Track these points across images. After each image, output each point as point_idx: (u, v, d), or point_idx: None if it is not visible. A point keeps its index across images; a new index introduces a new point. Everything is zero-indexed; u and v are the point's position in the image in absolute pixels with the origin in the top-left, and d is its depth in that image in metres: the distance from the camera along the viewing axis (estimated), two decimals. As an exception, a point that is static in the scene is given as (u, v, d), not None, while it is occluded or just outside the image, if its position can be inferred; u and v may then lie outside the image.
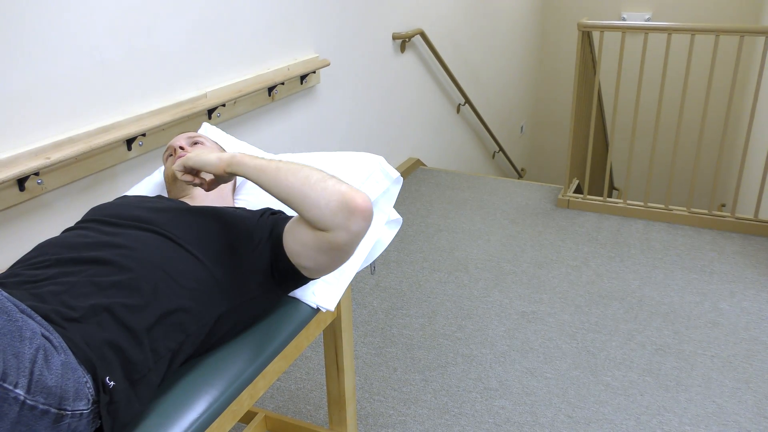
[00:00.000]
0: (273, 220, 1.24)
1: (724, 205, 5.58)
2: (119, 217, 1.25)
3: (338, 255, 1.14)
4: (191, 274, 1.13)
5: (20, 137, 1.62)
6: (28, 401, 0.81)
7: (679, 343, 2.27)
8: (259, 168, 1.16)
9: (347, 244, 1.11)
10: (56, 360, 0.87)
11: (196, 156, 1.24)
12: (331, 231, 1.09)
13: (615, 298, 2.55)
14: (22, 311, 0.89)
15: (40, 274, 1.07)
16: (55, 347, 0.88)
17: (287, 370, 2.17)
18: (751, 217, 3.11)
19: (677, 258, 2.87)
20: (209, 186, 1.29)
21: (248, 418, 1.66)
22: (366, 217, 1.09)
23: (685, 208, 3.23)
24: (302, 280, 1.22)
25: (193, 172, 1.28)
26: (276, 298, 1.26)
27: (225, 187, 1.49)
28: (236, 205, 1.49)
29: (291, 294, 1.33)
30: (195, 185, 1.28)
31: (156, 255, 1.12)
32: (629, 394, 2.02)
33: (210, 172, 1.23)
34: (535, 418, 1.93)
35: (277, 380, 2.12)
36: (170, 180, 1.46)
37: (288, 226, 1.20)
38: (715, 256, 2.88)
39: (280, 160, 1.17)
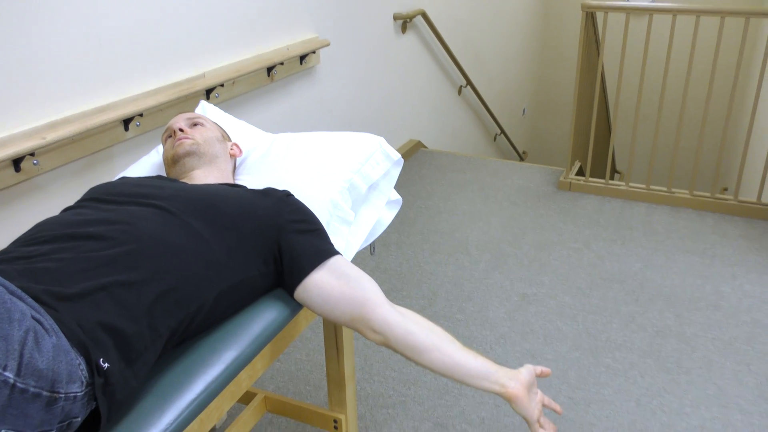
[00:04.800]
0: (303, 218, 1.24)
1: (726, 189, 5.55)
2: (118, 195, 1.23)
3: (339, 320, 1.21)
4: (192, 249, 1.11)
5: (15, 117, 1.60)
6: (18, 384, 0.79)
7: (680, 325, 2.26)
8: (473, 384, 1.20)
9: (348, 325, 1.22)
10: (47, 342, 0.85)
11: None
12: (378, 328, 1.18)
13: (616, 281, 2.54)
14: (12, 292, 0.87)
15: (35, 250, 1.05)
16: (46, 329, 0.87)
17: (287, 351, 2.17)
18: (754, 200, 3.09)
19: (679, 241, 2.85)
20: None
21: (248, 398, 1.66)
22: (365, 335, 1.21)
23: (687, 191, 3.21)
24: (289, 292, 1.23)
25: None
26: (274, 282, 1.24)
27: (226, 168, 1.46)
28: (237, 183, 1.47)
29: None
30: None
31: (155, 229, 1.10)
32: (629, 376, 2.02)
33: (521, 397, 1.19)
34: (535, 400, 1.93)
35: (277, 361, 2.12)
36: (170, 162, 1.44)
37: (336, 270, 1.20)
38: (717, 239, 2.87)
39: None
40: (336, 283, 1.18)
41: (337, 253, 1.23)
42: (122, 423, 0.97)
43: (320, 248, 1.21)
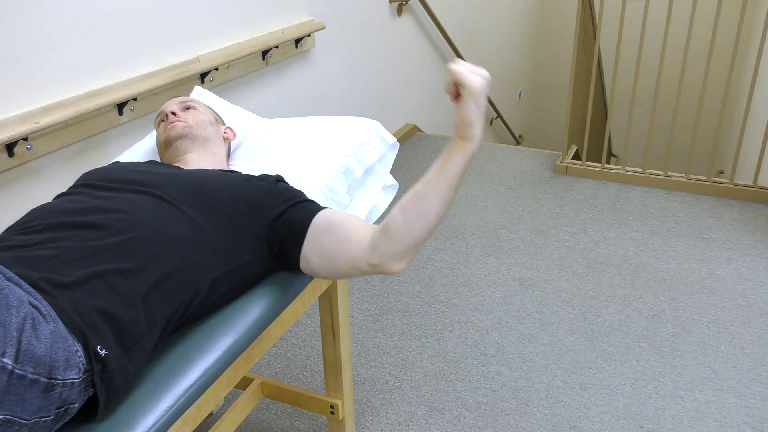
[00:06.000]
0: (283, 193, 1.22)
1: (722, 172, 5.56)
2: (112, 181, 1.22)
3: (342, 273, 1.16)
4: (187, 236, 1.11)
5: (8, 101, 1.58)
6: (16, 371, 0.79)
7: (676, 309, 2.27)
8: (460, 173, 1.06)
9: (359, 272, 1.14)
10: (45, 329, 0.85)
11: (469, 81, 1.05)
12: (375, 251, 1.10)
13: (612, 265, 2.55)
14: (9, 279, 0.87)
15: (31, 238, 1.05)
16: (43, 316, 0.86)
17: (284, 336, 2.17)
18: (750, 183, 3.09)
19: (675, 225, 2.86)
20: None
21: (245, 384, 1.66)
22: (388, 274, 1.11)
23: (683, 175, 3.21)
24: (296, 269, 1.21)
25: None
26: (271, 267, 1.24)
27: (219, 152, 1.46)
28: (231, 169, 1.46)
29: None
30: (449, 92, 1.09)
31: (151, 217, 1.10)
32: (625, 360, 2.03)
33: (457, 123, 1.05)
34: (531, 383, 1.94)
35: (274, 347, 2.13)
36: (162, 146, 1.43)
37: (322, 223, 1.17)
38: (713, 222, 2.87)
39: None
40: (326, 239, 1.15)
41: (322, 209, 1.20)
42: (119, 409, 0.97)
43: (308, 213, 1.19)
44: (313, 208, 1.20)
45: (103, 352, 0.92)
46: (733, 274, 2.48)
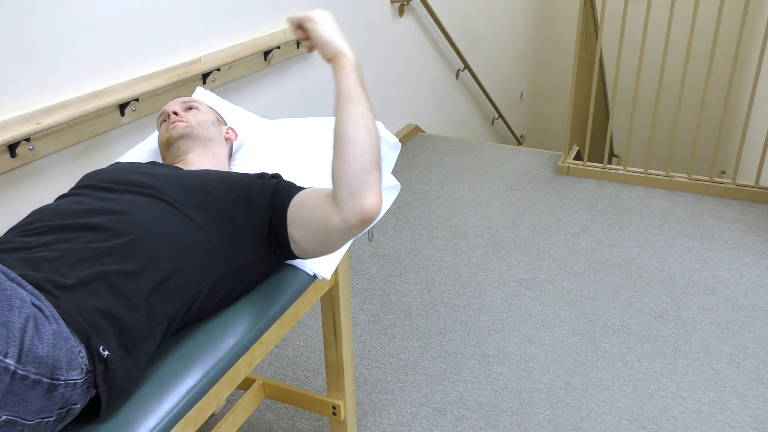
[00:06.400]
0: (275, 186, 1.21)
1: (724, 172, 5.55)
2: (114, 182, 1.22)
3: (326, 242, 1.13)
4: (188, 237, 1.11)
5: (10, 102, 1.58)
6: (18, 371, 0.79)
7: (678, 309, 2.27)
8: (355, 86, 1.14)
9: (337, 233, 1.09)
10: (47, 329, 0.85)
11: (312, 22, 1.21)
12: (338, 205, 1.07)
13: (614, 265, 2.55)
14: (12, 279, 0.87)
15: (34, 240, 1.05)
16: (46, 316, 0.87)
17: (285, 337, 2.17)
18: (752, 183, 3.09)
19: (677, 225, 2.86)
20: (309, 48, 1.26)
21: (246, 384, 1.66)
22: (367, 218, 1.06)
23: (685, 175, 3.20)
24: (292, 255, 1.21)
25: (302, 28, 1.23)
26: (272, 265, 1.24)
27: (221, 152, 1.46)
28: (231, 170, 1.46)
29: (288, 261, 1.31)
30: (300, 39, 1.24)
31: (152, 219, 1.10)
32: (627, 361, 2.03)
33: (319, 50, 1.20)
34: (532, 384, 1.94)
35: (276, 347, 2.13)
36: (164, 146, 1.43)
37: (298, 199, 1.17)
38: (714, 223, 2.87)
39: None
40: (302, 212, 1.15)
41: (301, 189, 1.20)
42: (121, 410, 0.97)
43: (288, 195, 1.19)
44: (293, 191, 1.20)
45: (106, 352, 0.92)
46: (735, 274, 2.47)
